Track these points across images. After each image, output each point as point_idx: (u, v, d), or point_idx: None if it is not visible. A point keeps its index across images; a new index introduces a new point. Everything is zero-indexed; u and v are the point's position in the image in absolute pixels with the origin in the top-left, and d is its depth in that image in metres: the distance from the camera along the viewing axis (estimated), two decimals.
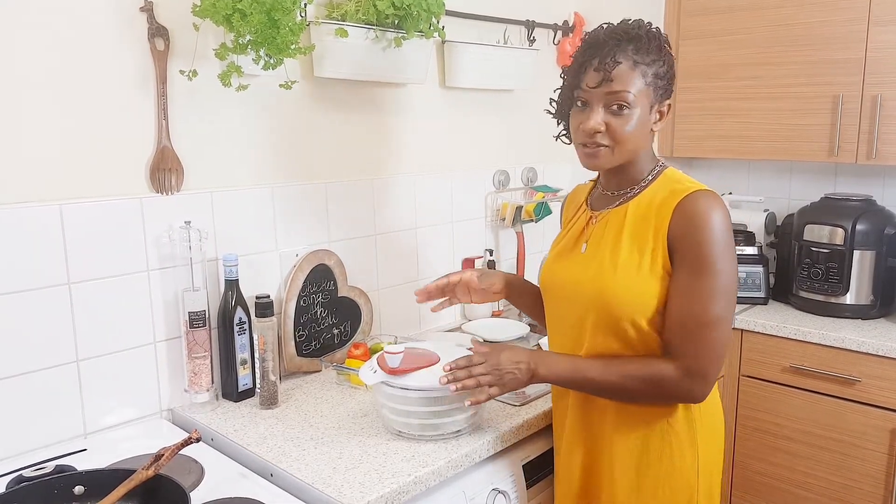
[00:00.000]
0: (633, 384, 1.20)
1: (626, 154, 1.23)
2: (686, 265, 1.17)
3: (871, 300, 2.17)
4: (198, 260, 1.53)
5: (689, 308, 1.16)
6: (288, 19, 1.41)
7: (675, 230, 1.18)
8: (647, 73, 1.19)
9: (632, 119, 1.19)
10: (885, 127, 2.08)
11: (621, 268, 1.21)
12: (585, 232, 1.31)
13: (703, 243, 1.15)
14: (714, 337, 1.16)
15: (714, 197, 1.19)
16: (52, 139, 1.35)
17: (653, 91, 1.21)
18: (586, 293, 1.25)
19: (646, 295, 1.19)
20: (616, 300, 1.20)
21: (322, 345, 1.78)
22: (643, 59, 1.19)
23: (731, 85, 2.38)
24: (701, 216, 1.16)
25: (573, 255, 1.31)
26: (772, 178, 2.64)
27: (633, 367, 1.20)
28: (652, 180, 1.27)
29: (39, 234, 1.34)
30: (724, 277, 1.16)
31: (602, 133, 1.20)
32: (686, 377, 1.17)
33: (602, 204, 1.32)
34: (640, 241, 1.22)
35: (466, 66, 2.05)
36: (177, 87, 1.50)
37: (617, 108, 1.19)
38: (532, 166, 2.41)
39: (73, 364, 1.40)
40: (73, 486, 1.11)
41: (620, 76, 1.18)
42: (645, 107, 1.20)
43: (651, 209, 1.22)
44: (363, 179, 1.91)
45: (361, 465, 1.27)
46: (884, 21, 2.05)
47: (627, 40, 1.19)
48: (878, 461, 1.99)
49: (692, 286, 1.16)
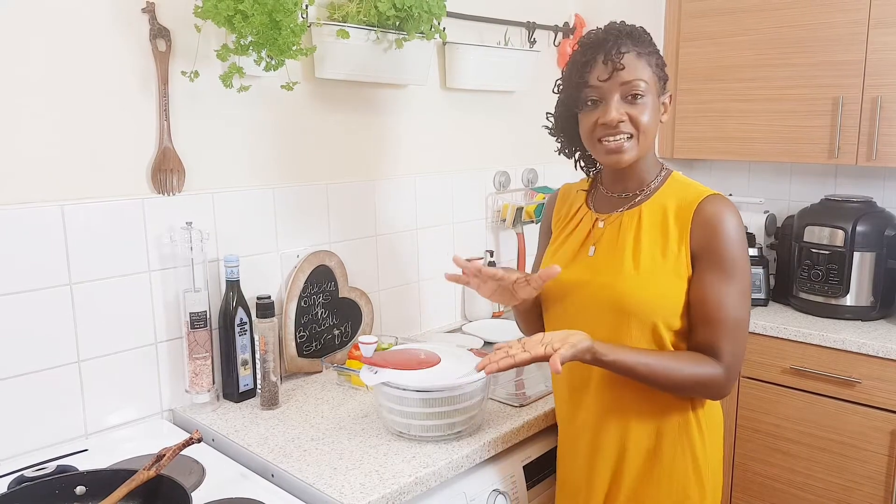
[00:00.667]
0: (685, 381, 1.19)
1: (647, 145, 1.24)
2: (715, 269, 1.19)
3: (871, 302, 2.17)
4: (199, 261, 1.53)
5: (726, 310, 1.19)
6: (289, 20, 1.42)
7: (698, 237, 1.20)
8: (651, 63, 1.21)
9: (648, 107, 1.21)
10: (886, 129, 2.08)
11: (644, 270, 1.21)
12: (592, 234, 1.30)
13: (728, 248, 1.19)
14: (744, 336, 1.22)
15: (727, 201, 1.22)
16: (54, 140, 1.35)
17: (658, 80, 1.23)
18: (599, 296, 1.24)
19: (670, 297, 1.20)
20: (638, 303, 1.20)
21: (323, 345, 1.78)
22: (644, 50, 1.21)
23: (731, 87, 2.38)
24: (721, 221, 1.19)
25: (580, 258, 1.30)
26: (772, 179, 2.65)
27: (687, 364, 1.19)
28: (661, 183, 1.27)
29: (41, 235, 1.35)
30: (748, 278, 1.21)
31: (625, 122, 1.20)
32: (729, 377, 1.21)
33: (608, 206, 1.31)
34: (661, 244, 1.22)
35: (467, 68, 2.06)
36: (178, 88, 1.50)
37: (632, 98, 1.20)
38: (532, 167, 2.41)
39: (75, 364, 1.41)
40: (75, 487, 1.11)
41: (630, 65, 1.19)
42: (655, 96, 1.22)
43: (668, 214, 1.23)
44: (364, 180, 1.92)
45: (362, 465, 1.27)
46: (884, 23, 2.05)
47: (625, 35, 1.21)
48: (879, 462, 1.99)
49: (724, 289, 1.19)
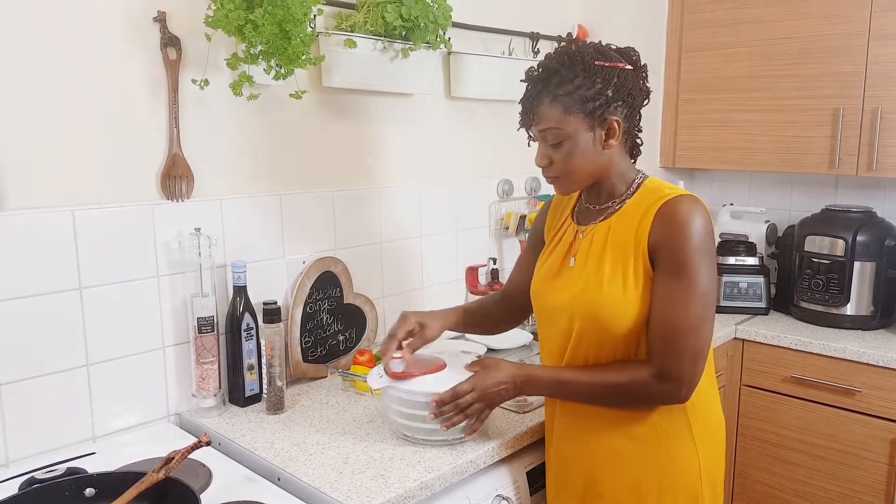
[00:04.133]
0: (613, 390, 1.24)
1: (584, 179, 1.28)
2: (665, 269, 1.19)
3: (871, 311, 2.18)
4: (207, 266, 1.55)
5: (666, 312, 1.19)
6: (299, 30, 1.44)
7: (654, 235, 1.20)
8: (570, 103, 1.21)
9: (570, 150, 1.24)
10: (886, 140, 2.10)
11: (606, 284, 1.23)
12: (573, 247, 1.33)
13: (682, 248, 1.17)
14: (690, 340, 1.18)
15: (694, 201, 1.20)
16: (65, 146, 1.37)
17: (585, 115, 1.22)
18: (575, 307, 1.27)
19: (630, 310, 1.21)
20: (603, 315, 1.23)
21: (328, 351, 1.79)
22: (564, 90, 1.21)
23: (732, 97, 2.40)
24: (680, 220, 1.18)
25: (563, 270, 1.33)
26: (773, 189, 2.67)
27: (612, 373, 1.24)
28: (632, 193, 1.28)
29: (52, 239, 1.36)
30: (701, 281, 1.17)
31: (548, 167, 1.28)
32: (660, 380, 1.20)
33: (587, 218, 1.34)
34: (622, 256, 1.24)
35: (472, 77, 2.08)
36: (188, 96, 1.53)
37: (552, 143, 1.25)
38: (535, 176, 2.43)
39: (83, 368, 1.42)
40: (84, 489, 1.13)
41: (543, 115, 1.24)
42: (583, 133, 1.23)
43: (633, 220, 1.24)
44: (369, 188, 1.94)
45: (367, 469, 1.29)
46: (884, 35, 2.08)
47: (548, 76, 1.23)
48: (879, 471, 2.00)
49: (670, 290, 1.19)
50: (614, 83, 1.22)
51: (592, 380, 1.25)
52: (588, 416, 1.30)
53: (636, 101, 1.26)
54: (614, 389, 1.23)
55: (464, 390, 1.29)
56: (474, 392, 1.29)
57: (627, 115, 1.25)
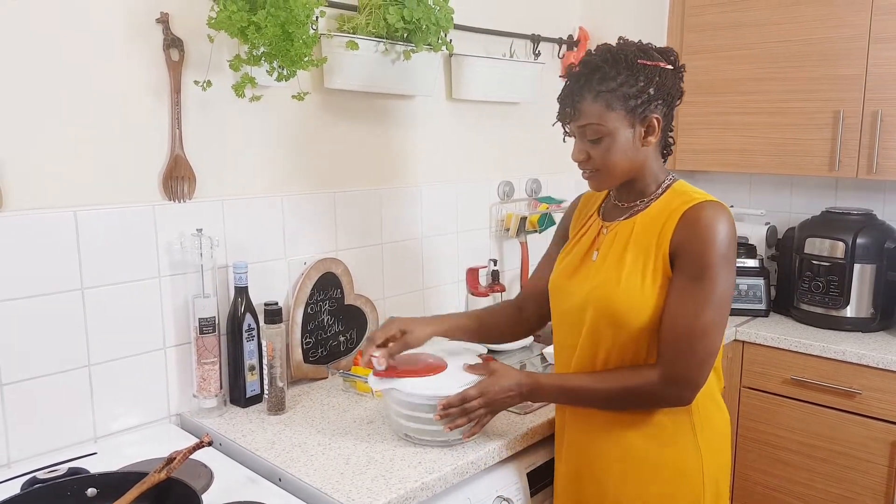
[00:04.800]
0: (618, 395, 1.25)
1: (620, 175, 1.28)
2: (684, 272, 1.20)
3: (871, 313, 2.18)
4: (208, 267, 1.55)
5: (680, 315, 1.19)
6: (301, 32, 1.44)
7: (677, 238, 1.21)
8: (612, 100, 1.21)
9: (609, 146, 1.24)
10: (886, 142, 2.11)
11: (624, 279, 1.24)
12: (597, 241, 1.34)
13: (704, 252, 1.18)
14: (700, 344, 1.19)
15: (720, 208, 1.21)
16: (68, 146, 1.38)
17: (627, 112, 1.22)
18: (591, 298, 1.28)
19: (645, 306, 1.22)
20: (618, 308, 1.24)
21: (328, 352, 1.80)
22: (607, 87, 1.21)
23: (732, 100, 2.40)
24: (703, 225, 1.19)
25: (585, 263, 1.34)
26: (773, 191, 2.67)
27: (618, 378, 1.25)
28: (661, 194, 1.29)
29: (54, 240, 1.37)
30: (719, 287, 1.18)
31: (585, 162, 1.27)
32: (667, 383, 1.21)
33: (613, 215, 1.35)
34: (644, 255, 1.24)
35: (473, 79, 2.08)
36: (191, 97, 1.53)
37: (592, 139, 1.24)
38: (536, 178, 2.44)
39: (85, 368, 1.42)
40: (86, 489, 1.13)
41: (585, 111, 1.23)
42: (623, 129, 1.23)
43: (658, 221, 1.25)
44: (371, 189, 1.94)
45: (369, 470, 1.29)
46: (884, 38, 2.08)
47: (591, 72, 1.23)
48: (879, 473, 2.00)
49: (687, 293, 1.19)
50: (656, 82, 1.23)
51: (598, 386, 1.26)
52: (595, 414, 1.31)
53: (674, 100, 1.28)
54: (620, 394, 1.24)
55: (472, 395, 1.30)
56: (482, 398, 1.30)
57: (665, 114, 1.27)
